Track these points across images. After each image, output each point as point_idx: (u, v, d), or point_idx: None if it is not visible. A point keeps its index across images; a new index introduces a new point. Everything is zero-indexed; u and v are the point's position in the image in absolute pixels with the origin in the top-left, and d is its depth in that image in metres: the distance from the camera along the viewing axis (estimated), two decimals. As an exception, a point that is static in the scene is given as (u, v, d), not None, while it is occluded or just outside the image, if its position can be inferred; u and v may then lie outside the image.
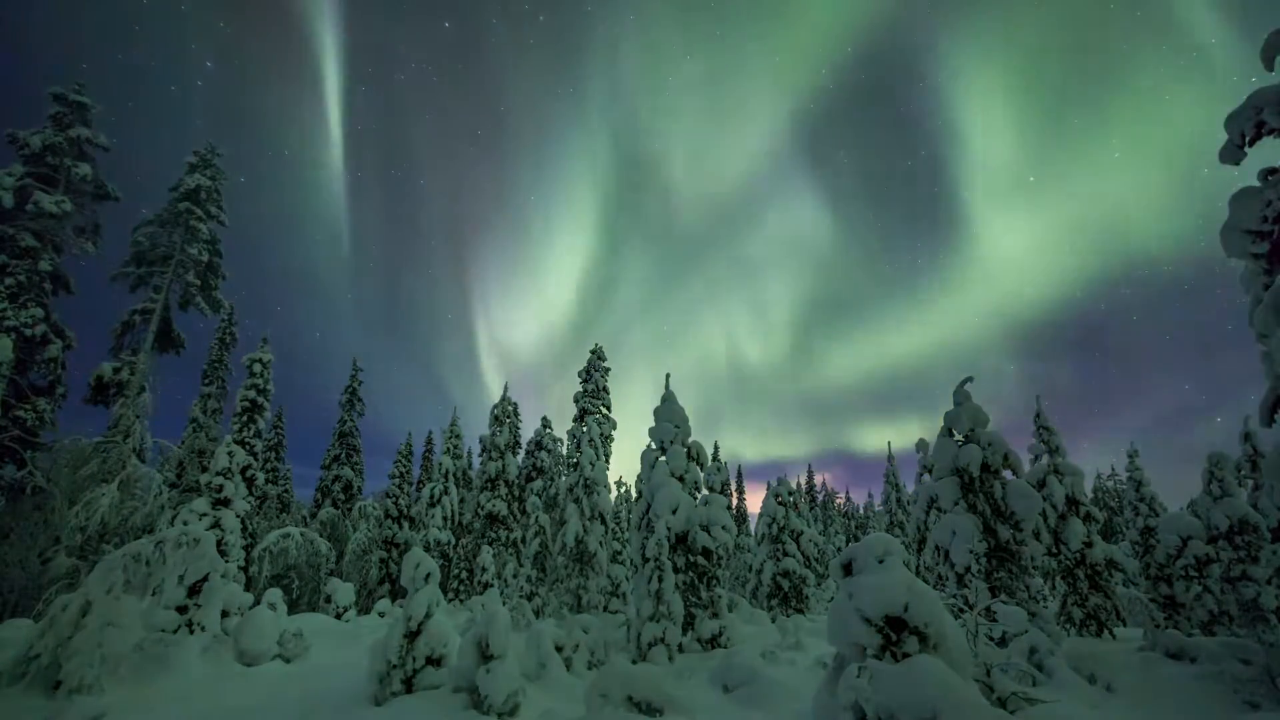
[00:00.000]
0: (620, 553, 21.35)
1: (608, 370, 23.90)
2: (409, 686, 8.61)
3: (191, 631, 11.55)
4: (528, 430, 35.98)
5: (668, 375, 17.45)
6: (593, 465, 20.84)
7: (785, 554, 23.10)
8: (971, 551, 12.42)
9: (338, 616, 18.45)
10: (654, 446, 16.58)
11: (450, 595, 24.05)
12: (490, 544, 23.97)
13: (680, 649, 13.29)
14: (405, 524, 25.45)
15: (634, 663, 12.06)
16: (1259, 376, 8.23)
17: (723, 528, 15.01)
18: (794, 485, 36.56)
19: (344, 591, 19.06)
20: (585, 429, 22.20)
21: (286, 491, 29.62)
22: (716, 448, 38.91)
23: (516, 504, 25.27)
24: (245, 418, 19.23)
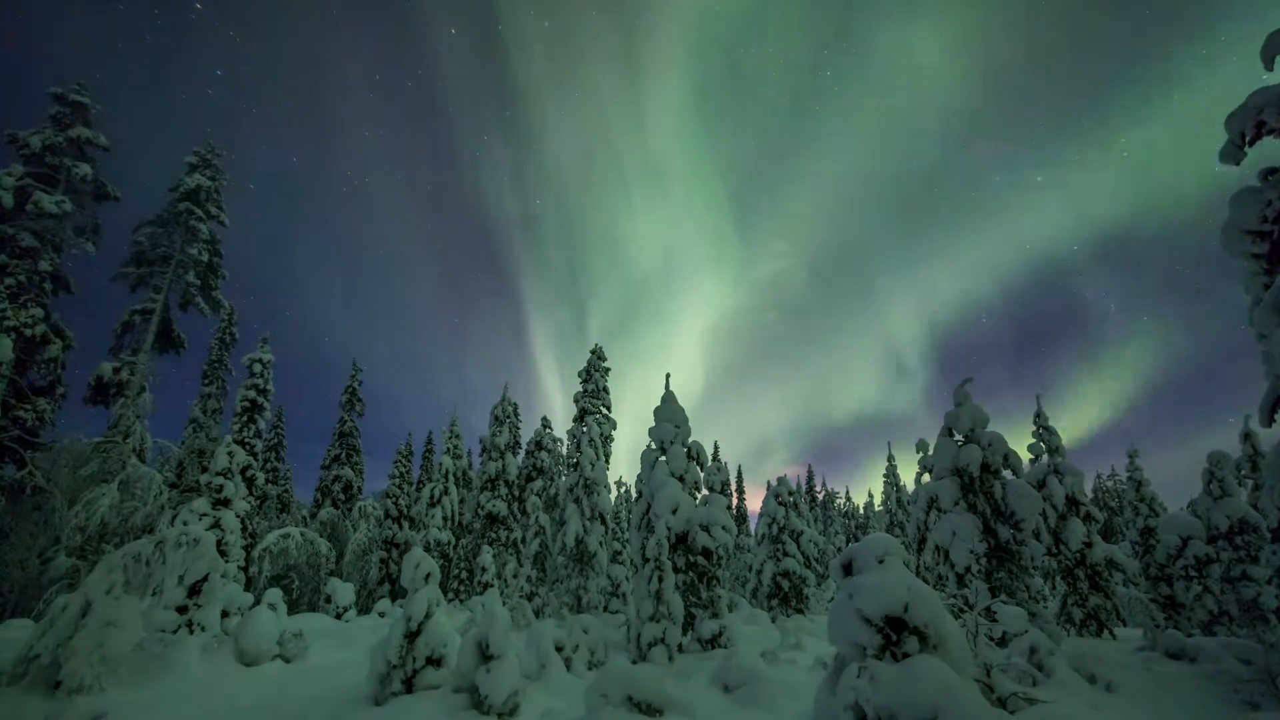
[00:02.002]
0: (620, 553, 21.36)
1: (608, 370, 23.92)
2: (409, 686, 8.61)
3: (191, 631, 11.55)
4: (527, 430, 35.99)
5: (668, 375, 17.46)
6: (593, 465, 20.85)
7: (785, 554, 23.10)
8: (971, 551, 12.42)
9: (338, 616, 18.47)
10: (654, 446, 16.58)
11: (450, 595, 24.06)
12: (490, 544, 23.97)
13: (680, 649, 13.28)
14: (405, 524, 25.44)
15: (634, 663, 12.06)
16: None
17: (723, 528, 15.01)
18: (794, 485, 36.53)
19: (344, 591, 19.07)
20: (585, 429, 22.21)
21: (286, 491, 29.63)
22: (716, 448, 38.97)
23: (516, 504, 25.27)
24: (245, 418, 19.22)
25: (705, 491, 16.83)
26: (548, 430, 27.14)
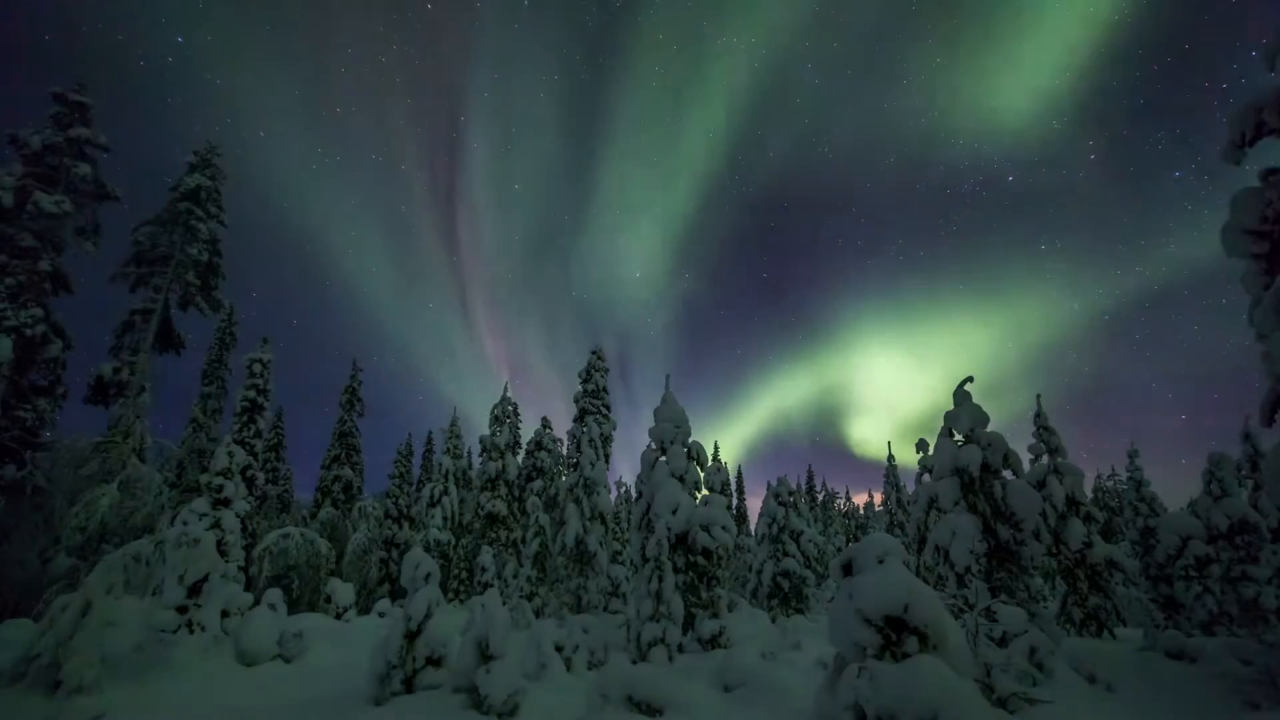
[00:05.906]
0: (620, 553, 21.39)
1: (607, 371, 23.93)
2: (409, 686, 8.61)
3: (191, 631, 11.53)
4: (528, 430, 35.97)
5: (667, 376, 17.47)
6: (593, 466, 20.85)
7: (785, 554, 23.11)
8: (971, 551, 12.42)
9: (338, 616, 18.44)
10: (654, 446, 16.58)
11: (450, 595, 24.04)
12: (490, 544, 23.97)
13: (680, 649, 13.28)
14: (405, 524, 25.45)
15: (634, 663, 12.05)
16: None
17: (723, 528, 15.00)
18: (794, 485, 36.61)
19: (344, 591, 19.05)
20: (585, 429, 22.20)
21: (286, 491, 29.60)
22: (716, 448, 39.01)
23: (516, 504, 25.26)
24: (245, 418, 19.24)
25: (705, 491, 16.81)
26: (548, 430, 27.14)
